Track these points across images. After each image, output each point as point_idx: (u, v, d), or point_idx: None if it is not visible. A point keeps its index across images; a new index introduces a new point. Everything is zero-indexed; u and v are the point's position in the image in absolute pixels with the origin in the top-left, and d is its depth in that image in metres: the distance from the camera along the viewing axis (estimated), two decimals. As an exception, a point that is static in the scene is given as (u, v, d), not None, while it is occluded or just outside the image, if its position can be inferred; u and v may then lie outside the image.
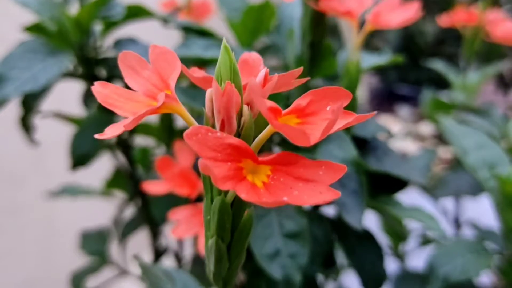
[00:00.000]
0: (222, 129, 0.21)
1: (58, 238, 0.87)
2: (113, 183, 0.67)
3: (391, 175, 0.43)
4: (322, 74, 0.42)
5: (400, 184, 0.45)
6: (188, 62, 0.49)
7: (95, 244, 0.62)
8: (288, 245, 0.37)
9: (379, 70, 1.48)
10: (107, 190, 0.68)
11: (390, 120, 1.25)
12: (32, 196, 0.85)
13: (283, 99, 0.40)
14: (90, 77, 0.51)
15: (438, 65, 0.72)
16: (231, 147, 0.19)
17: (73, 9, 0.49)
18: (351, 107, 0.39)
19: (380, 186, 0.45)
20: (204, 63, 0.49)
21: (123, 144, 0.55)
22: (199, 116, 0.41)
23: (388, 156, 0.44)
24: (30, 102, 0.49)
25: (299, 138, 0.18)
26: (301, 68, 0.23)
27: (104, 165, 0.67)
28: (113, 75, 0.50)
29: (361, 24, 0.39)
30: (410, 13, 0.37)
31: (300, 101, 0.21)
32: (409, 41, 1.36)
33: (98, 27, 0.51)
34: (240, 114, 0.21)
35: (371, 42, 1.48)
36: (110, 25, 0.51)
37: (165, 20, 0.52)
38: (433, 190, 0.55)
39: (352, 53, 0.39)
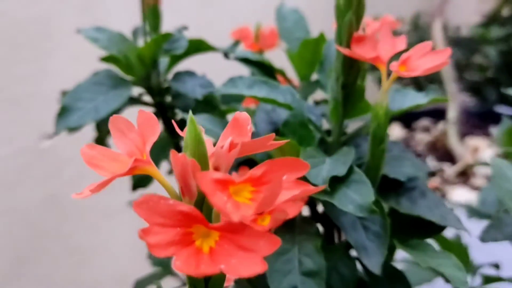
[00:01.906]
0: (182, 194, 0.23)
1: None
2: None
3: (423, 219, 0.42)
4: (355, 115, 0.43)
5: (436, 228, 0.44)
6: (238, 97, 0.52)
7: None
8: (306, 283, 0.38)
9: (476, 89, 1.40)
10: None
11: (482, 143, 1.19)
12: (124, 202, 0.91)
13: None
14: (156, 105, 0.55)
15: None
16: (181, 213, 0.21)
17: (142, 43, 0.54)
18: (380, 151, 0.40)
19: (416, 229, 0.44)
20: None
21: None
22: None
23: (425, 198, 0.43)
24: (102, 126, 0.55)
25: (225, 214, 0.20)
26: (273, 135, 0.24)
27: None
28: (175, 105, 0.54)
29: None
30: (440, 60, 0.37)
31: (255, 171, 0.23)
32: (511, 58, 1.27)
33: (165, 59, 0.56)
34: (206, 178, 0.23)
35: (472, 60, 1.40)
36: (175, 58, 0.55)
37: (225, 53, 0.55)
38: (488, 231, 0.52)
39: (381, 97, 0.39)
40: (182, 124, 0.52)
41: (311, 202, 0.47)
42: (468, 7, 1.80)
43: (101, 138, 0.57)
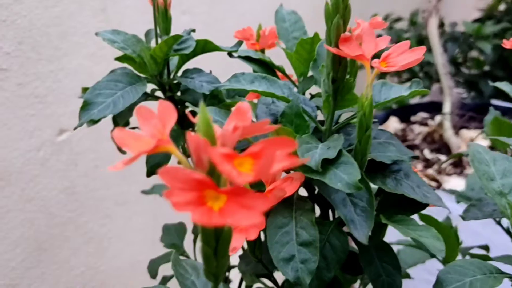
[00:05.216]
0: (196, 166, 0.29)
1: (159, 227, 0.99)
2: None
3: (408, 197, 0.47)
4: (345, 106, 0.49)
5: (419, 205, 0.49)
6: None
7: (173, 237, 0.72)
8: (301, 252, 0.44)
9: (473, 83, 1.45)
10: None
11: (479, 135, 1.24)
12: (136, 193, 0.96)
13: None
14: (168, 99, 0.61)
15: (502, 85, 0.73)
16: (196, 180, 0.27)
17: (154, 44, 0.60)
18: (367, 137, 0.45)
19: (400, 207, 0.49)
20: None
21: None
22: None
23: (409, 179, 0.49)
24: (117, 119, 0.61)
25: (231, 179, 0.25)
26: (268, 120, 0.30)
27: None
28: (184, 100, 0.60)
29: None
30: (416, 56, 0.42)
31: (254, 147, 0.28)
32: (506, 53, 1.32)
33: (175, 58, 0.62)
34: (214, 154, 0.29)
35: (468, 55, 1.46)
36: (184, 57, 0.60)
37: (229, 53, 0.61)
38: (469, 210, 0.57)
39: (366, 90, 0.45)
40: (192, 115, 0.58)
41: (308, 185, 0.53)
42: (465, 4, 1.85)
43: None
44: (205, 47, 0.59)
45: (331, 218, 0.54)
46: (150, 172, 0.59)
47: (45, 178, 0.92)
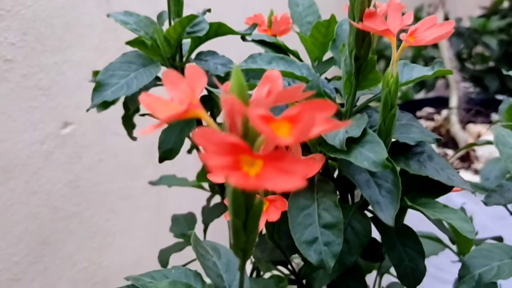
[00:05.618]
0: (230, 130, 0.27)
1: (163, 222, 0.97)
2: (203, 177, 0.76)
3: (431, 180, 0.46)
4: (367, 86, 0.47)
5: (444, 188, 0.48)
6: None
7: (182, 227, 0.71)
8: (325, 234, 0.42)
9: (478, 79, 1.44)
10: (197, 183, 0.77)
11: (484, 129, 1.23)
12: (144, 185, 0.94)
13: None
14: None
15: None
16: (230, 144, 0.25)
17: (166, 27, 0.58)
18: (391, 116, 0.44)
19: (424, 190, 0.48)
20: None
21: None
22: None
23: (432, 161, 0.47)
24: (129, 104, 0.59)
25: (273, 140, 0.24)
26: (302, 84, 0.28)
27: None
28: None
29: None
30: (445, 30, 0.41)
31: (291, 111, 0.27)
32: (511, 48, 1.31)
33: (187, 43, 0.60)
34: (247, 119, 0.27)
35: (474, 50, 1.45)
36: (197, 40, 0.59)
37: (242, 37, 0.59)
38: (490, 196, 0.56)
39: (391, 67, 0.43)
40: (206, 99, 0.56)
41: (326, 170, 0.51)
42: (467, 2, 1.84)
43: (128, 115, 0.62)
44: (218, 30, 0.58)
45: (350, 203, 0.52)
46: (163, 158, 0.57)
47: (49, 171, 0.90)
